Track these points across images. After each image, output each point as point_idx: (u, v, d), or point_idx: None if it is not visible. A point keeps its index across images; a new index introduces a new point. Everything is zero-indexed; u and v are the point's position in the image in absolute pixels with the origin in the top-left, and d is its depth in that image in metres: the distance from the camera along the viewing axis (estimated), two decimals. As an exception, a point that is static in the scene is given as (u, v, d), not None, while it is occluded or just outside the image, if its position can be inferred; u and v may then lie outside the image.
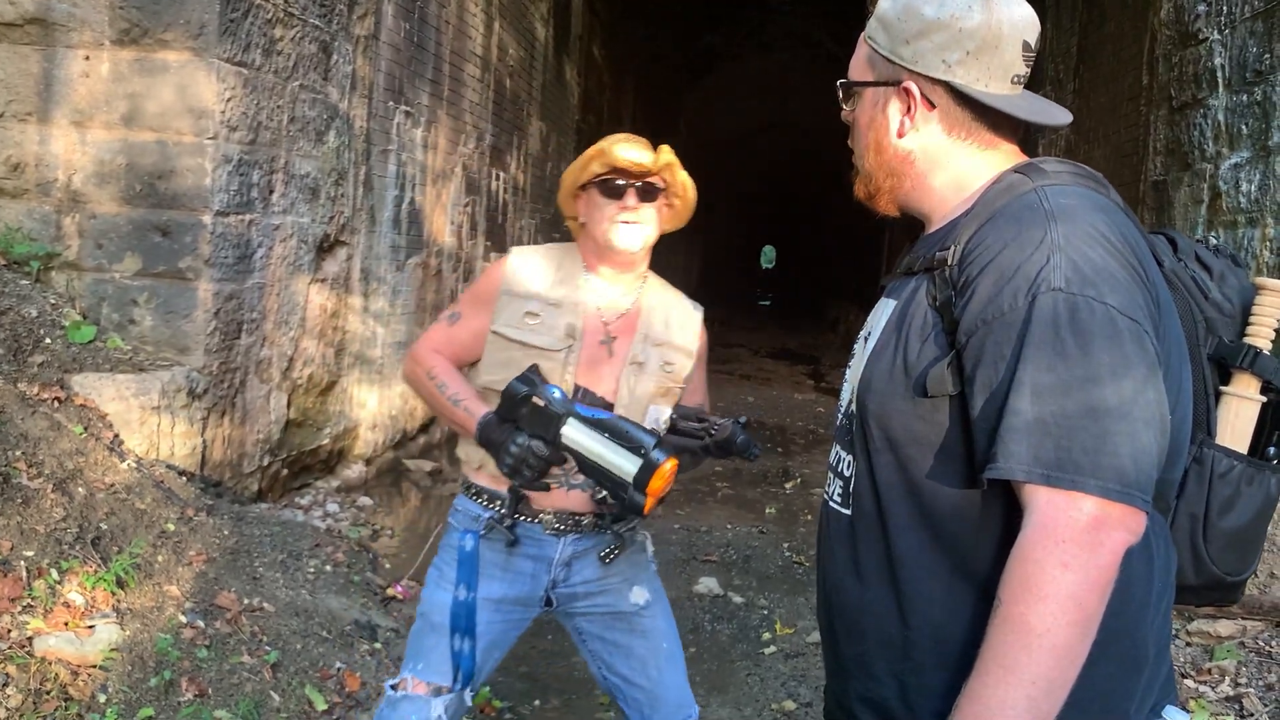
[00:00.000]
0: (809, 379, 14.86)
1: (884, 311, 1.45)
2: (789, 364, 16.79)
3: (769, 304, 36.48)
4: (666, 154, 2.35)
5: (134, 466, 3.97)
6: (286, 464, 5.52)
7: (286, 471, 5.54)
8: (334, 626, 3.81)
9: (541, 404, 2.07)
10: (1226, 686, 3.36)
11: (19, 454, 3.48)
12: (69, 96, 4.55)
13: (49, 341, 4.23)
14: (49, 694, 2.84)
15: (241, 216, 4.86)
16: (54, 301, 4.47)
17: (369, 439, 6.59)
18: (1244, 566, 1.41)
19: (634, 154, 2.30)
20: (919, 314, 1.35)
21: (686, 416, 2.23)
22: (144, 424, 4.25)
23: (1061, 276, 1.21)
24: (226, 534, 4.07)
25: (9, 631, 2.92)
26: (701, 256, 31.97)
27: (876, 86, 1.45)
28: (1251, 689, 3.33)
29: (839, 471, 1.48)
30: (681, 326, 2.50)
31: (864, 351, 1.46)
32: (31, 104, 4.55)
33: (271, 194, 5.12)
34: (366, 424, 6.56)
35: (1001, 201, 1.33)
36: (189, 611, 3.47)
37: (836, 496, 1.47)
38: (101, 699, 2.93)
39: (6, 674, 2.80)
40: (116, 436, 4.11)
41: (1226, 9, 4.68)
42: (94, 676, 2.98)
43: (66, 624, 3.05)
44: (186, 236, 4.60)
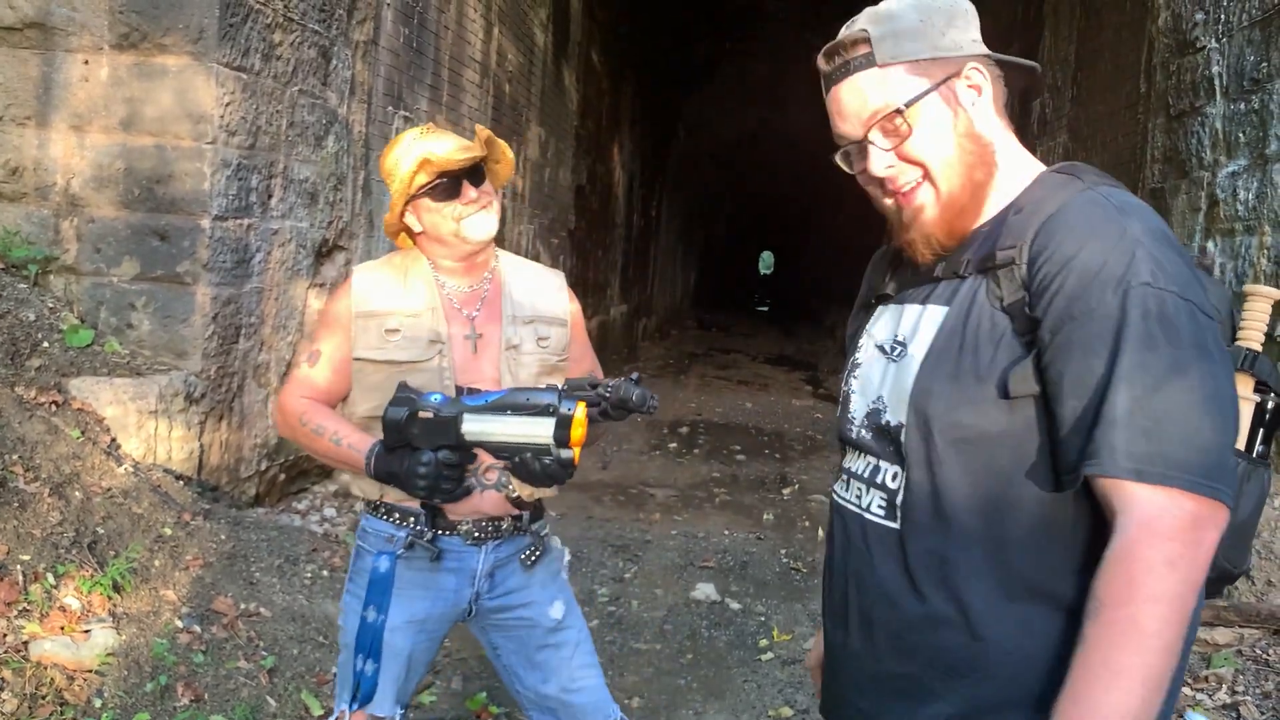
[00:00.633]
0: (806, 385, 14.86)
1: (922, 317, 1.41)
2: (786, 370, 16.79)
3: (766, 310, 36.52)
4: (482, 130, 2.29)
5: (131, 471, 3.97)
6: (284, 469, 5.52)
7: (284, 476, 5.53)
8: (330, 632, 3.81)
9: (429, 414, 1.97)
10: (1224, 694, 3.36)
11: (16, 458, 3.48)
12: (68, 100, 4.55)
13: (46, 345, 4.22)
14: (44, 699, 2.83)
15: (240, 221, 4.86)
16: (52, 305, 4.47)
17: (366, 444, 6.57)
18: (1246, 559, 1.44)
19: (451, 147, 2.23)
20: (983, 317, 1.32)
21: (577, 387, 2.06)
22: (141, 428, 4.25)
23: (1148, 271, 1.21)
24: (223, 539, 4.07)
25: (5, 636, 2.92)
26: (699, 262, 32.00)
27: (941, 85, 1.38)
28: (1249, 697, 3.33)
29: (878, 483, 1.42)
30: (546, 296, 2.41)
31: (899, 361, 1.41)
32: (30, 108, 4.55)
33: (270, 198, 5.13)
34: (364, 429, 6.54)
35: (1059, 199, 1.31)
36: (185, 616, 3.46)
37: (877, 509, 1.42)
38: (97, 704, 2.92)
39: (2, 679, 2.79)
40: (114, 440, 4.11)
41: (1224, 17, 4.70)
42: (90, 681, 2.97)
43: (62, 628, 3.05)
44: (185, 241, 4.60)
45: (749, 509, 7.25)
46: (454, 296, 2.33)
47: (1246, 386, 1.43)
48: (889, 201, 1.44)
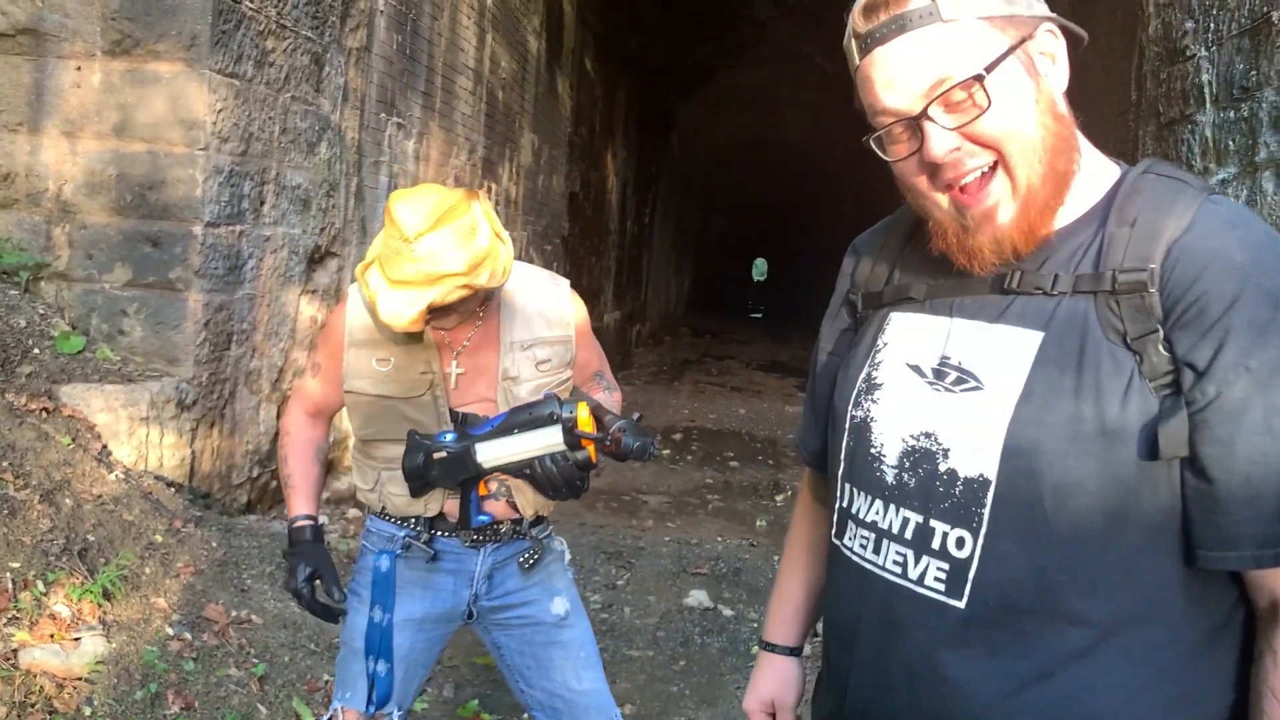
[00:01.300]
0: (800, 391, 14.86)
1: (1002, 341, 1.14)
2: (780, 376, 16.81)
3: (760, 316, 36.54)
4: (437, 267, 2.01)
5: (122, 478, 3.96)
6: (275, 475, 5.50)
7: (275, 484, 5.51)
8: (322, 639, 3.80)
9: (443, 455, 2.07)
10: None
11: (6, 465, 3.46)
12: (60, 107, 4.55)
13: (37, 352, 4.21)
14: (34, 707, 2.82)
15: (232, 227, 4.85)
16: (43, 312, 4.46)
17: (359, 450, 6.56)
18: None
19: (402, 318, 2.03)
20: (1101, 352, 1.07)
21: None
22: (132, 435, 4.24)
23: None
24: (215, 546, 4.06)
25: (-6, 644, 2.91)
26: (693, 268, 32.01)
27: (1019, 46, 1.11)
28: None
29: (935, 550, 1.14)
30: (547, 315, 2.35)
31: (960, 392, 1.14)
32: (22, 114, 4.54)
33: (262, 205, 5.12)
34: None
35: (1184, 213, 1.08)
36: (176, 624, 3.45)
37: (934, 582, 1.14)
38: (87, 712, 2.91)
39: (-9, 686, 2.78)
40: (105, 447, 4.10)
41: (1214, 26, 4.72)
42: (79, 689, 2.96)
43: (52, 636, 3.04)
44: (177, 247, 4.60)
45: (742, 515, 7.25)
46: (447, 334, 2.29)
47: None
48: (943, 198, 1.15)
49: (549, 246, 11.30)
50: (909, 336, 1.23)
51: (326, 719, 2.33)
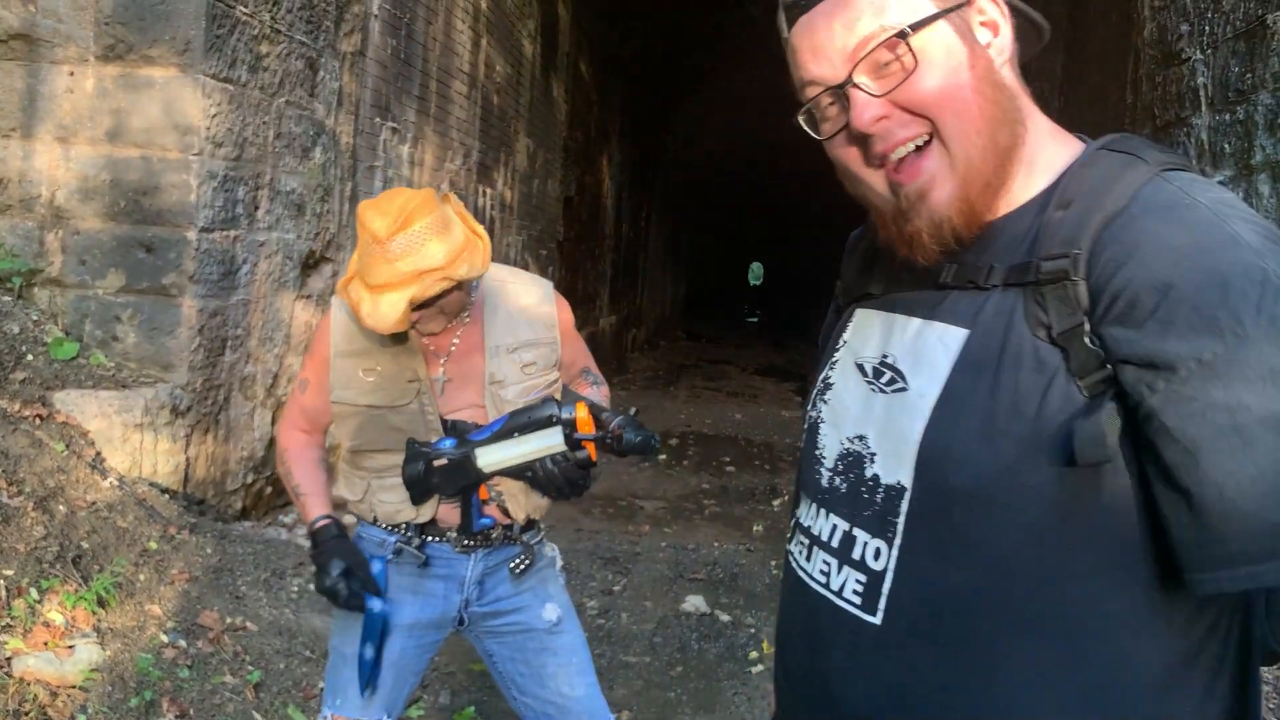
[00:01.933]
0: (797, 396, 14.86)
1: (929, 339, 1.06)
2: (776, 381, 16.81)
3: (756, 321, 36.56)
4: (404, 303, 2.03)
5: (116, 484, 3.94)
6: (270, 482, 5.48)
7: (270, 490, 5.50)
8: (317, 646, 3.78)
9: (444, 462, 2.08)
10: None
11: (-1, 472, 3.45)
12: (53, 112, 4.53)
13: (31, 358, 4.19)
14: (28, 715, 2.80)
15: (226, 233, 4.84)
16: (36, 318, 4.44)
17: (354, 456, 6.55)
18: None
19: (386, 317, 2.05)
20: (1024, 350, 0.97)
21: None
22: (126, 441, 4.22)
23: None
24: (209, 552, 4.04)
25: (-13, 652, 2.89)
26: (689, 273, 32.03)
27: (952, 13, 1.03)
28: None
29: (853, 559, 1.07)
30: (531, 317, 2.34)
31: (890, 393, 1.07)
32: (15, 119, 4.53)
33: (257, 210, 5.11)
34: (352, 441, 6.52)
35: (1124, 190, 0.97)
36: (171, 631, 3.43)
37: (851, 595, 1.07)
38: (81, 719, 2.89)
39: (-16, 695, 2.76)
40: (99, 454, 4.08)
41: (1209, 29, 4.72)
42: (74, 697, 2.94)
43: (46, 644, 3.02)
44: (171, 253, 4.58)
45: (739, 520, 7.24)
46: (431, 341, 2.29)
47: None
48: (877, 179, 1.06)
49: (544, 251, 11.30)
50: (862, 334, 1.16)
51: None
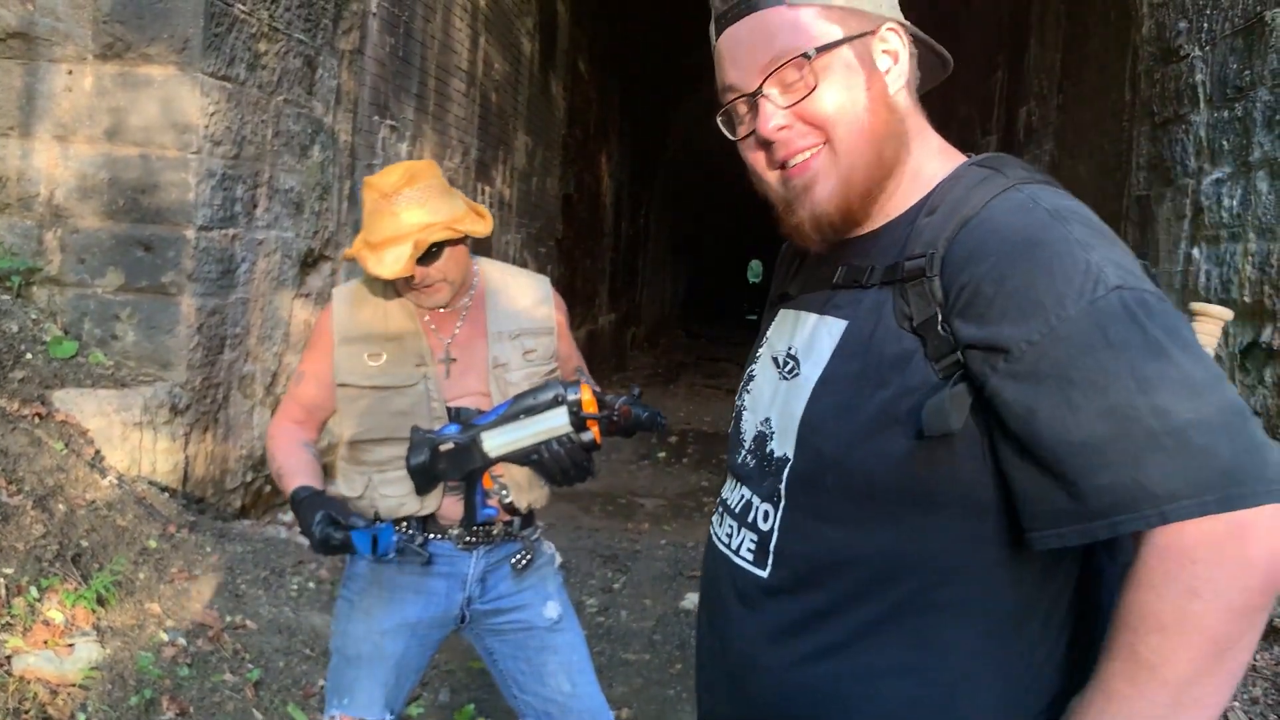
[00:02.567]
0: (795, 393, 14.86)
1: (819, 330, 1.20)
2: (775, 378, 16.79)
3: (755, 318, 36.56)
4: (418, 244, 2.10)
5: (115, 483, 3.94)
6: (270, 480, 5.49)
7: (270, 488, 5.50)
8: (317, 644, 3.78)
9: (450, 447, 2.08)
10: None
11: (-2, 471, 3.45)
12: (52, 110, 4.53)
13: (30, 357, 4.19)
14: (27, 713, 2.80)
15: (225, 231, 4.84)
16: (35, 317, 4.44)
17: (354, 454, 6.54)
18: None
19: (396, 260, 2.11)
20: (888, 339, 1.10)
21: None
22: (126, 440, 4.22)
23: (1114, 274, 1.00)
24: (209, 551, 4.04)
25: (-13, 651, 2.89)
26: (688, 271, 32.02)
27: (857, 39, 1.16)
28: (1236, 703, 3.33)
29: (749, 522, 1.22)
30: (531, 307, 2.41)
31: (791, 380, 1.21)
32: (13, 118, 4.52)
33: (255, 208, 5.11)
34: (351, 439, 6.52)
35: (979, 198, 1.09)
36: (170, 629, 3.43)
37: (746, 553, 1.21)
38: (81, 718, 2.89)
39: (-16, 694, 2.76)
40: (98, 453, 4.08)
41: (1207, 26, 4.72)
42: (73, 695, 2.94)
43: (46, 642, 3.02)
44: (169, 251, 4.58)
45: (738, 518, 7.23)
46: (433, 318, 2.32)
47: None
48: (774, 176, 1.20)
49: (543, 249, 11.29)
50: (779, 331, 1.30)
51: None
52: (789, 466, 1.17)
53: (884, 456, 1.08)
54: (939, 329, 1.06)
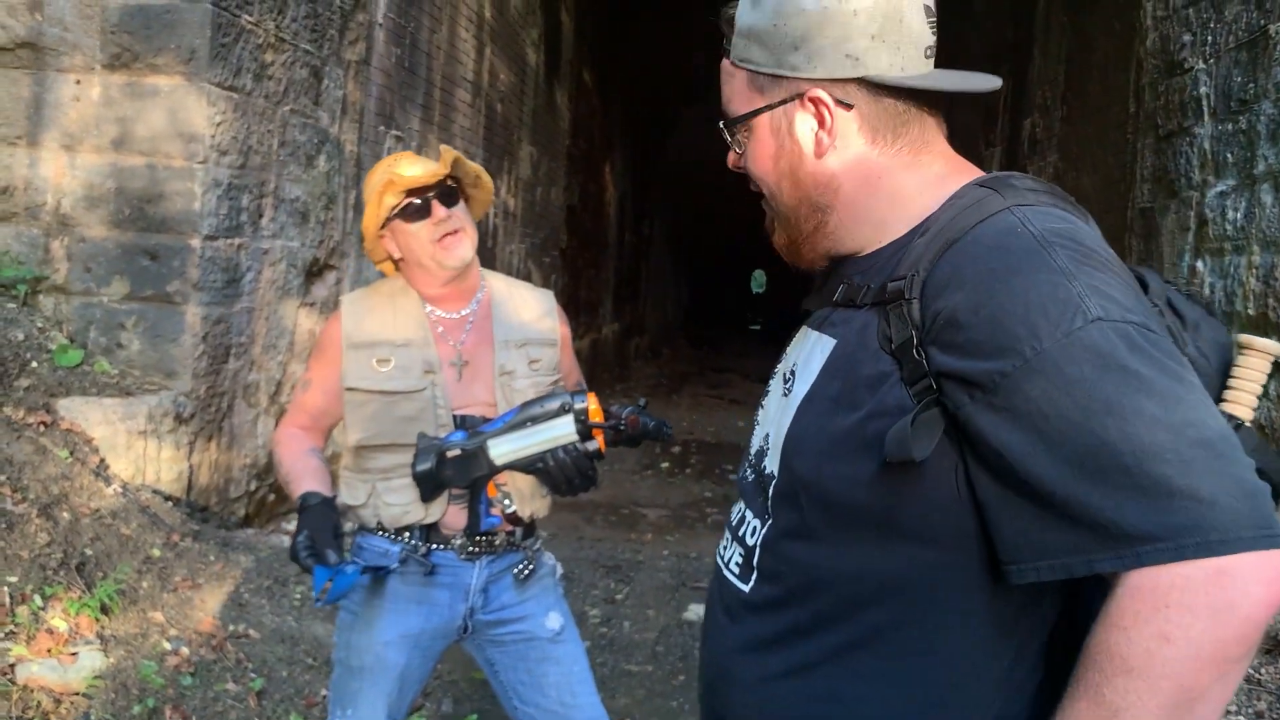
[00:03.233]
0: (799, 404, 14.85)
1: (815, 348, 1.19)
2: (779, 389, 16.78)
3: (759, 328, 36.51)
4: (448, 151, 2.29)
5: (120, 491, 3.95)
6: (273, 489, 5.49)
7: (274, 497, 5.50)
8: (320, 654, 3.78)
9: (457, 453, 2.09)
10: (1217, 714, 3.35)
11: (4, 479, 3.45)
12: (59, 120, 4.55)
13: (35, 365, 4.20)
14: (30, 722, 2.81)
15: (230, 240, 4.85)
16: (41, 325, 4.45)
17: (357, 463, 6.55)
18: None
19: (418, 168, 2.26)
20: (866, 360, 1.09)
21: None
22: (130, 448, 4.23)
23: (1095, 305, 0.96)
24: (212, 560, 4.04)
25: (-10, 659, 2.89)
26: (691, 281, 32.04)
27: (774, 109, 1.17)
28: (1241, 715, 3.32)
29: (739, 536, 1.22)
30: (536, 318, 2.43)
31: (787, 397, 1.21)
32: (21, 127, 4.54)
33: (261, 218, 5.12)
34: (355, 448, 6.53)
35: (967, 222, 1.07)
36: (173, 638, 3.43)
37: (734, 566, 1.22)
38: (84, 727, 2.89)
39: (-13, 702, 2.76)
40: (103, 461, 4.09)
41: (1211, 39, 4.73)
42: (77, 704, 2.94)
43: (49, 651, 3.02)
44: (175, 260, 4.59)
45: (741, 528, 7.22)
46: (441, 324, 2.33)
47: None
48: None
49: (547, 259, 11.31)
50: (792, 346, 1.31)
51: None
52: (774, 483, 1.17)
53: (851, 479, 1.06)
54: (914, 353, 1.04)
